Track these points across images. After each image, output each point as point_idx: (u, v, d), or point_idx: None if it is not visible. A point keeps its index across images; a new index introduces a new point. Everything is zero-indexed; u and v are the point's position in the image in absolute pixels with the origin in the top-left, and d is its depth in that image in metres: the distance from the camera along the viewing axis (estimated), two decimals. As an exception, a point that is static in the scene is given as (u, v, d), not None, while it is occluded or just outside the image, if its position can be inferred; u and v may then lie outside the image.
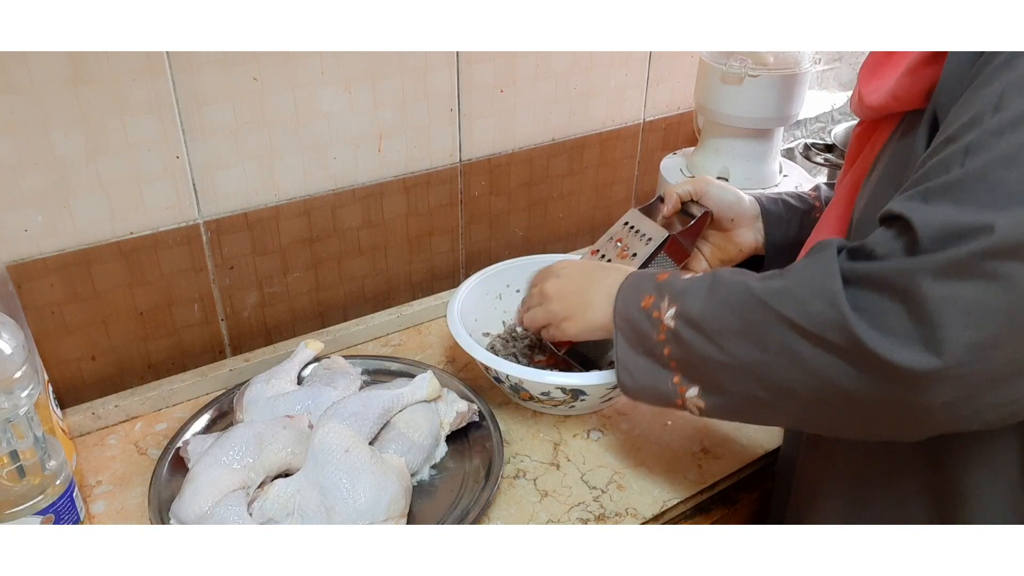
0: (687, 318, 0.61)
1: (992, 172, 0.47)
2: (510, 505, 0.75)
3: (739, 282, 0.59)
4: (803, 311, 0.53)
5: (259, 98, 0.86)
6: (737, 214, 0.83)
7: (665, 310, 0.63)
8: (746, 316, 0.57)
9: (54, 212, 0.79)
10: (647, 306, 0.65)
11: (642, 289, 0.67)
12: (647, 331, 0.65)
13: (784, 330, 0.54)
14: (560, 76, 1.07)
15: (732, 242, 0.85)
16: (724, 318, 0.58)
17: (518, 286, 0.97)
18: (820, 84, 1.51)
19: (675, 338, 0.62)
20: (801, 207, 0.84)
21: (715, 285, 0.61)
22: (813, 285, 0.52)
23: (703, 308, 0.60)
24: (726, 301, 0.59)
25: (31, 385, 0.62)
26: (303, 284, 0.99)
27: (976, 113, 0.48)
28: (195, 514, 0.66)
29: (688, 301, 0.62)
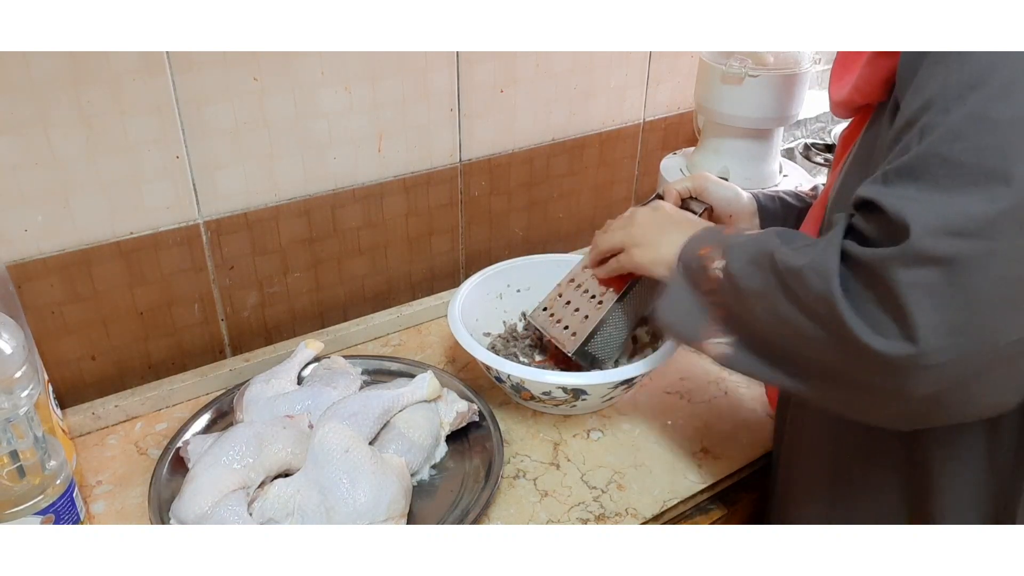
0: (727, 273, 0.63)
1: (943, 148, 0.47)
2: (510, 505, 0.75)
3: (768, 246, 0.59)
4: (801, 280, 0.54)
5: (259, 98, 0.86)
6: (735, 210, 0.84)
7: (715, 261, 0.64)
8: (766, 278, 0.58)
9: (54, 212, 0.79)
10: (703, 254, 0.67)
11: (707, 239, 0.69)
12: (698, 278, 0.67)
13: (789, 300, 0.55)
14: (560, 76, 1.07)
15: None
16: (752, 278, 0.60)
17: (519, 286, 0.97)
18: (820, 84, 1.51)
19: (719, 289, 0.64)
20: (798, 205, 0.85)
21: (755, 243, 0.62)
22: (814, 257, 0.53)
23: (740, 265, 0.62)
24: (756, 262, 0.60)
25: (31, 385, 0.62)
26: (303, 284, 0.99)
27: (931, 92, 0.49)
28: (195, 514, 0.66)
29: (732, 255, 0.63)
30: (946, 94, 0.48)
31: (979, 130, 0.46)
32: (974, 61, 0.47)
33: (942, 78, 0.48)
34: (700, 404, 0.89)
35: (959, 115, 0.46)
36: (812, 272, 0.53)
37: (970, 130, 0.46)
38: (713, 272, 0.64)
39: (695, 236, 0.71)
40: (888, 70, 0.56)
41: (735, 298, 0.62)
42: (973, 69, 0.47)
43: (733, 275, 0.62)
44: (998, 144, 0.45)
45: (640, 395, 0.90)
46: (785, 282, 0.55)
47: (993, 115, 0.45)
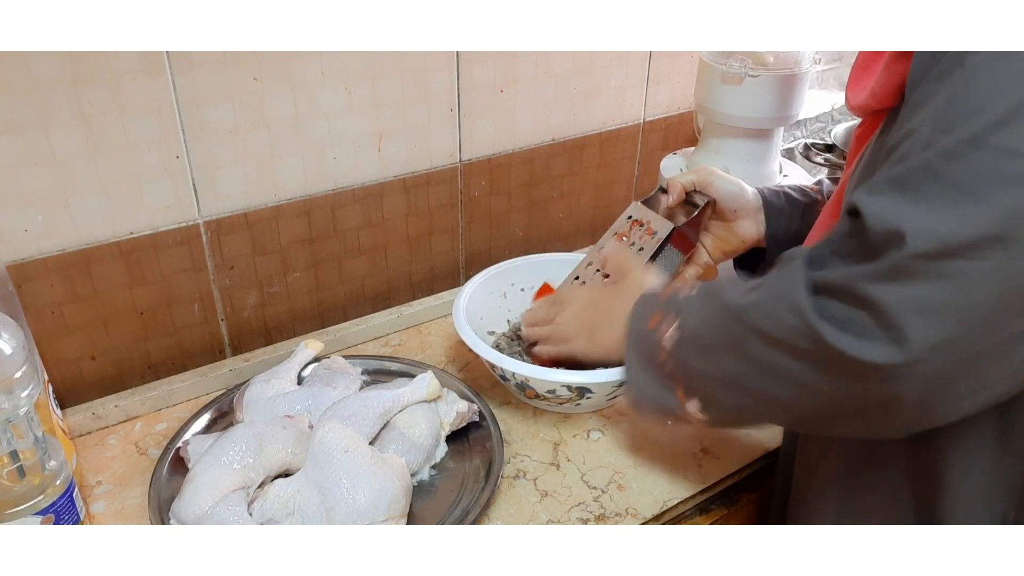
0: (683, 334, 0.64)
1: (937, 165, 0.47)
2: (510, 505, 0.75)
3: (719, 299, 0.61)
4: (774, 323, 0.54)
5: (259, 98, 0.86)
6: (740, 205, 0.84)
7: (667, 330, 0.65)
8: (726, 331, 0.59)
9: (54, 212, 0.79)
10: (653, 325, 0.67)
11: (647, 310, 0.70)
12: (651, 350, 0.67)
13: (759, 343, 0.56)
14: (560, 76, 1.07)
15: (734, 233, 0.85)
16: (710, 333, 0.61)
17: (523, 285, 0.97)
18: (820, 84, 1.51)
19: (674, 354, 0.64)
20: (803, 200, 0.84)
21: (705, 300, 0.63)
22: (781, 297, 0.54)
23: (695, 324, 0.63)
24: (711, 317, 0.61)
25: (31, 385, 0.62)
26: (303, 284, 0.99)
27: (931, 109, 0.49)
28: (195, 514, 0.66)
29: (685, 317, 0.64)
30: (950, 113, 0.48)
31: (977, 154, 0.46)
32: (980, 86, 0.47)
33: (947, 96, 0.49)
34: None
35: (959, 137, 0.47)
36: (783, 313, 0.54)
37: (969, 152, 0.46)
38: (666, 342, 0.65)
39: (635, 312, 0.71)
40: (902, 75, 0.56)
41: (697, 356, 0.62)
42: (979, 93, 0.47)
43: (690, 335, 0.63)
44: (992, 169, 0.46)
45: (640, 395, 0.90)
46: (750, 323, 0.56)
47: (991, 142, 0.46)
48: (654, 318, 0.68)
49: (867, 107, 0.61)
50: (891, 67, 0.56)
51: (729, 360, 0.59)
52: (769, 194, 0.85)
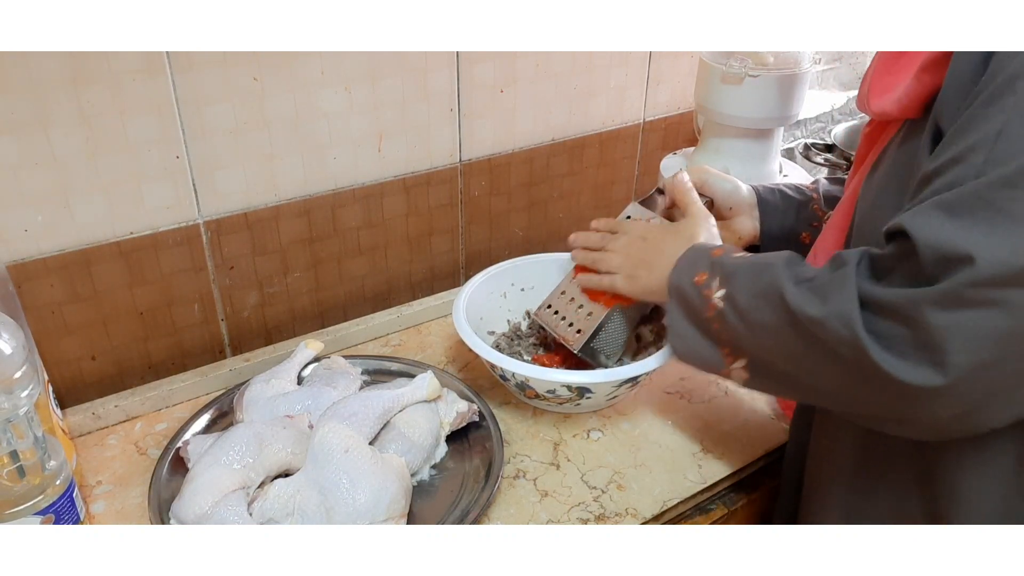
0: (733, 303, 0.64)
1: (993, 194, 0.48)
2: (510, 505, 0.75)
3: (772, 283, 0.60)
4: (823, 330, 0.55)
5: (259, 98, 0.86)
6: (735, 203, 0.85)
7: (715, 289, 0.65)
8: (776, 318, 0.59)
9: (54, 212, 0.79)
10: (700, 282, 0.67)
11: (697, 264, 0.69)
12: (698, 306, 0.67)
13: (807, 341, 0.57)
14: (560, 76, 1.07)
15: (731, 230, 0.86)
16: (760, 313, 0.61)
17: (523, 285, 0.97)
18: (820, 84, 1.51)
19: (722, 317, 0.65)
20: (798, 198, 0.85)
21: (759, 275, 0.62)
22: (833, 305, 0.54)
23: (747, 298, 0.63)
24: (765, 297, 0.61)
25: (31, 385, 0.62)
26: (303, 284, 0.99)
27: (982, 135, 0.49)
28: (195, 514, 0.66)
29: (735, 286, 0.64)
30: (1005, 142, 0.48)
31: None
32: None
33: (999, 123, 0.49)
34: (700, 404, 0.89)
35: (1016, 168, 0.47)
36: (834, 320, 0.54)
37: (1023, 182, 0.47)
38: (714, 300, 0.65)
39: (680, 263, 0.71)
40: (931, 88, 0.56)
41: (745, 328, 0.63)
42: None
43: (740, 308, 0.63)
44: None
45: (640, 395, 0.90)
46: (802, 326, 0.57)
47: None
48: (701, 275, 0.68)
49: (888, 115, 0.61)
50: (920, 78, 0.56)
51: (778, 343, 0.60)
52: (764, 191, 0.85)
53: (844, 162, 1.27)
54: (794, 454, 0.78)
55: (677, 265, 0.71)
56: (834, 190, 0.84)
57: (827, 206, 0.83)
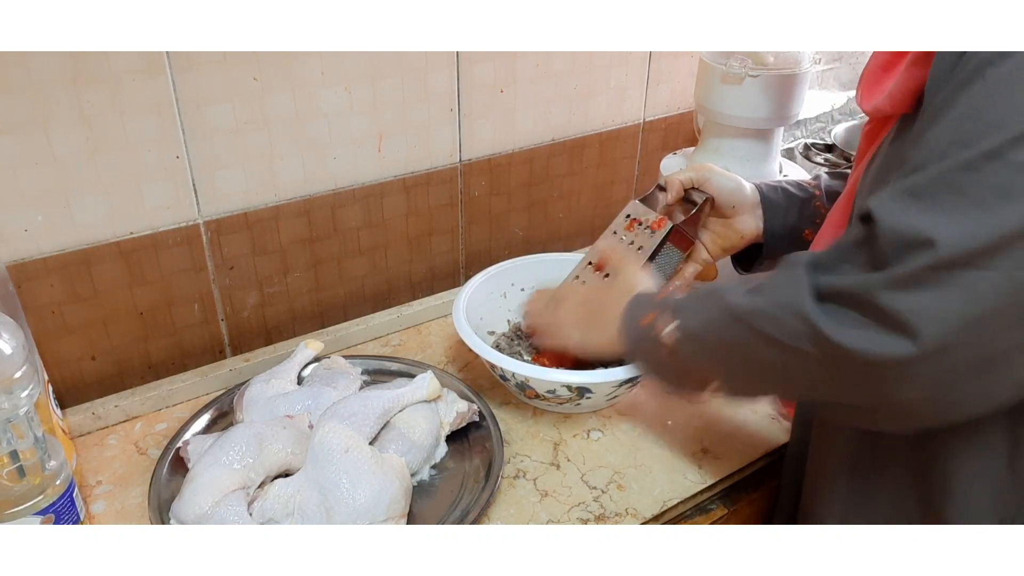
0: (687, 332, 0.65)
1: (955, 177, 0.48)
2: (510, 505, 0.75)
3: (720, 301, 0.61)
4: (777, 328, 0.55)
5: (259, 98, 0.86)
6: (738, 201, 0.84)
7: (664, 326, 0.66)
8: (731, 333, 0.60)
9: (54, 212, 0.79)
10: (645, 324, 0.69)
11: (639, 310, 0.72)
12: (650, 348, 0.69)
13: (764, 346, 0.57)
14: (560, 76, 1.07)
15: (733, 229, 0.85)
16: (715, 335, 0.62)
17: (523, 285, 0.97)
18: (820, 84, 1.51)
19: (679, 349, 0.66)
20: (800, 195, 0.85)
21: (707, 299, 0.64)
22: (785, 302, 0.55)
23: (696, 324, 0.64)
24: (713, 320, 0.62)
25: (31, 385, 0.62)
26: (303, 284, 0.99)
27: (948, 120, 0.50)
28: (195, 514, 0.66)
29: (685, 315, 0.65)
30: (969, 125, 0.49)
31: (994, 167, 0.47)
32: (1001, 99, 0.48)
33: (966, 107, 0.49)
34: (700, 404, 0.89)
35: (978, 150, 0.47)
36: (782, 310, 0.55)
37: (986, 167, 0.47)
38: (664, 337, 0.66)
39: (627, 314, 0.73)
40: (920, 80, 0.56)
41: (704, 353, 0.64)
42: (1000, 107, 0.48)
43: (696, 334, 0.64)
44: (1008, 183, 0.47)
45: (640, 395, 0.90)
46: (755, 328, 0.57)
47: (1009, 156, 0.47)
48: (647, 318, 0.69)
49: (881, 111, 0.61)
50: (910, 71, 0.56)
51: (737, 358, 0.61)
52: (766, 189, 0.85)
53: (844, 162, 1.27)
54: (795, 453, 0.78)
55: (623, 318, 0.73)
56: (835, 185, 0.84)
57: (829, 202, 0.83)
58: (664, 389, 0.72)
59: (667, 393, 0.74)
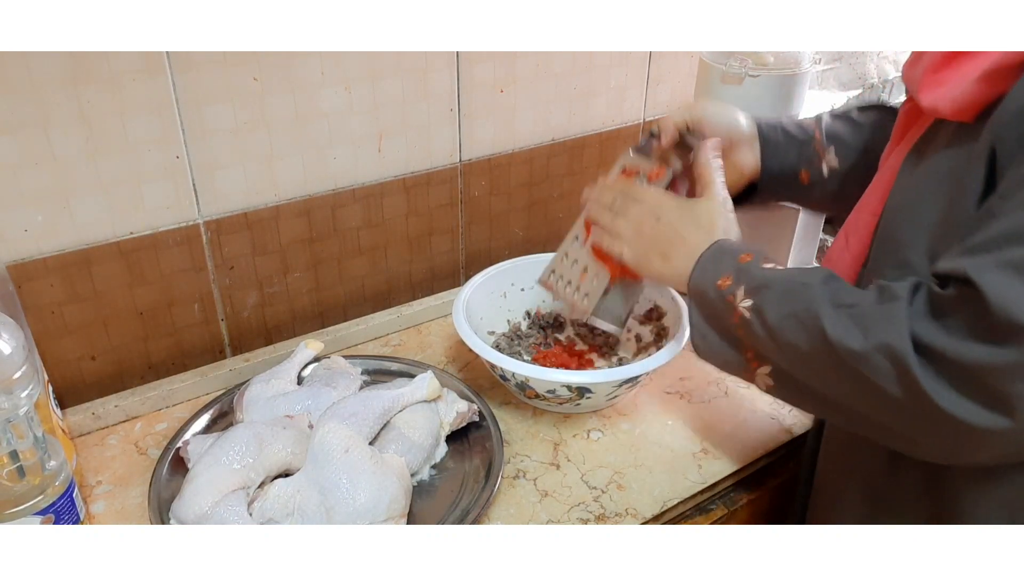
0: (761, 318, 0.61)
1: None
2: (510, 505, 0.75)
3: (812, 305, 0.57)
4: (868, 364, 0.53)
5: (259, 98, 0.86)
6: (735, 134, 0.81)
7: (741, 298, 0.63)
8: (813, 342, 0.57)
9: (54, 212, 0.79)
10: (723, 286, 0.65)
11: (721, 267, 0.67)
12: (721, 310, 0.65)
13: (845, 371, 0.55)
14: (560, 76, 1.07)
15: (732, 166, 0.82)
16: (794, 334, 0.58)
17: (522, 285, 0.98)
18: (820, 84, 1.51)
19: (749, 327, 0.62)
20: (800, 136, 0.82)
21: (794, 294, 0.60)
22: (882, 342, 0.52)
23: (778, 317, 0.60)
24: (798, 318, 0.58)
25: (31, 385, 0.62)
26: (303, 284, 0.99)
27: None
28: (195, 514, 0.66)
29: (764, 300, 0.61)
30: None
31: None
32: None
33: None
34: (700, 404, 0.89)
35: None
36: (879, 356, 0.52)
37: None
38: (740, 308, 0.63)
39: (702, 263, 0.68)
40: (989, 96, 0.53)
41: (773, 344, 0.61)
42: None
43: (769, 325, 0.60)
44: None
45: (640, 395, 0.90)
46: (839, 357, 0.54)
47: None
48: (725, 279, 0.65)
49: (940, 113, 0.57)
50: (981, 85, 0.53)
51: (808, 365, 0.58)
52: (766, 127, 0.82)
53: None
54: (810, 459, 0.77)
55: (699, 264, 0.68)
56: (837, 127, 0.81)
57: (829, 142, 0.81)
58: (709, 353, 0.68)
59: (707, 359, 0.69)
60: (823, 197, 0.82)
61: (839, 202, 0.79)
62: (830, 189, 0.80)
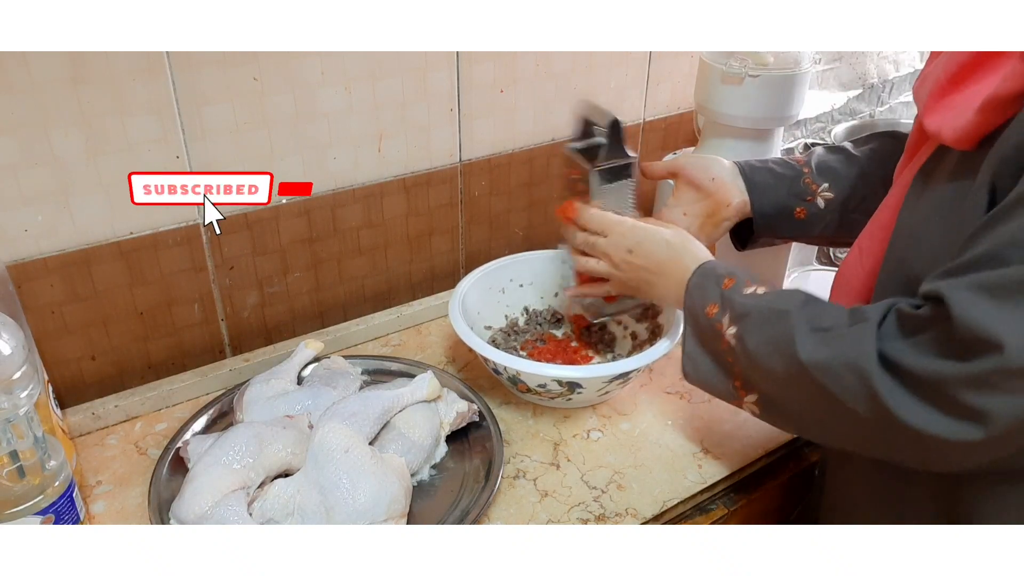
0: (743, 345, 0.63)
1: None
2: (510, 505, 0.75)
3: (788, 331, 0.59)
4: (837, 382, 0.55)
5: (259, 98, 0.86)
6: (716, 172, 0.84)
7: (727, 326, 0.65)
8: (790, 371, 0.59)
9: (54, 212, 0.79)
10: (711, 314, 0.67)
11: (708, 293, 0.69)
12: (711, 336, 0.68)
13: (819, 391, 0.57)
14: (560, 76, 1.07)
15: (716, 201, 0.84)
16: (772, 359, 0.61)
17: (521, 281, 0.98)
18: (820, 84, 1.51)
19: (735, 354, 0.65)
20: (788, 173, 0.84)
21: (772, 321, 0.61)
22: (849, 359, 0.54)
23: (757, 344, 0.62)
24: (775, 344, 0.60)
25: (31, 385, 0.62)
26: (303, 284, 0.99)
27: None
28: (195, 514, 0.66)
29: (746, 328, 0.64)
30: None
31: None
32: None
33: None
34: (700, 404, 0.89)
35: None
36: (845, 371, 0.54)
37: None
38: (727, 336, 0.65)
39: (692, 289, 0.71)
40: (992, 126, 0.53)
41: (755, 372, 0.63)
42: None
43: (750, 352, 0.63)
44: None
45: (640, 395, 0.90)
46: (812, 377, 0.56)
47: None
48: (712, 307, 0.67)
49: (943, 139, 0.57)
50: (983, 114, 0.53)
51: (787, 391, 0.61)
52: (749, 169, 0.84)
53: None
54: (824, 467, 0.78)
55: (688, 292, 0.71)
56: (829, 160, 0.83)
57: (820, 178, 0.82)
58: (698, 379, 0.70)
59: (697, 385, 0.71)
60: (826, 229, 0.83)
61: (844, 230, 0.81)
62: (831, 220, 0.82)
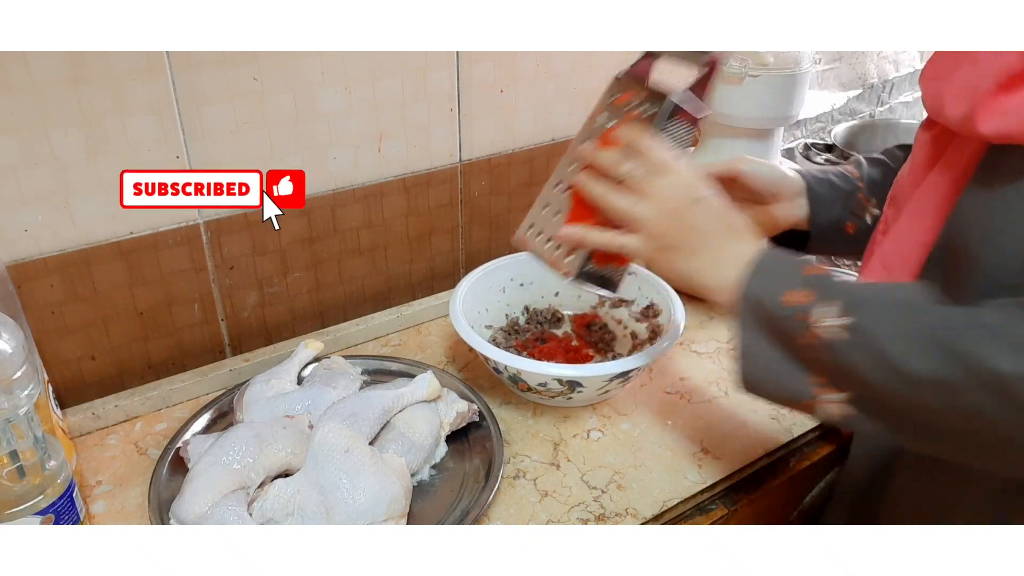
0: (865, 339, 0.53)
1: None
2: (510, 505, 0.75)
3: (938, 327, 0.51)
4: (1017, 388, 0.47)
5: (259, 98, 0.86)
6: (782, 188, 0.79)
7: (824, 316, 0.54)
8: (950, 368, 0.49)
9: (54, 212, 0.79)
10: (791, 302, 0.56)
11: (786, 280, 0.58)
12: (788, 330, 0.57)
13: (997, 409, 0.48)
14: (560, 76, 1.07)
15: (769, 216, 0.79)
16: (921, 359, 0.50)
17: (522, 280, 0.98)
18: (820, 84, 1.51)
19: (833, 349, 0.54)
20: (846, 188, 0.80)
21: (910, 313, 0.53)
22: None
23: (895, 340, 0.52)
24: (937, 344, 0.50)
25: (31, 385, 0.62)
26: (303, 284, 0.99)
27: None
28: (195, 514, 0.66)
29: (870, 319, 0.53)
30: None
31: None
32: None
33: None
34: (700, 404, 0.89)
35: None
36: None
37: None
38: (819, 328, 0.54)
39: (758, 272, 0.59)
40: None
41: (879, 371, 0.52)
42: None
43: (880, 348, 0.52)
44: None
45: (640, 395, 0.90)
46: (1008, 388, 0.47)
47: None
48: (795, 294, 0.56)
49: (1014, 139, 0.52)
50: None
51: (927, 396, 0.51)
52: (813, 180, 0.80)
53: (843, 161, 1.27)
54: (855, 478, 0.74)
55: (754, 274, 0.59)
56: (874, 174, 0.80)
57: (870, 192, 0.79)
58: (760, 379, 0.59)
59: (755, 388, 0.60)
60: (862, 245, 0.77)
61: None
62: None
